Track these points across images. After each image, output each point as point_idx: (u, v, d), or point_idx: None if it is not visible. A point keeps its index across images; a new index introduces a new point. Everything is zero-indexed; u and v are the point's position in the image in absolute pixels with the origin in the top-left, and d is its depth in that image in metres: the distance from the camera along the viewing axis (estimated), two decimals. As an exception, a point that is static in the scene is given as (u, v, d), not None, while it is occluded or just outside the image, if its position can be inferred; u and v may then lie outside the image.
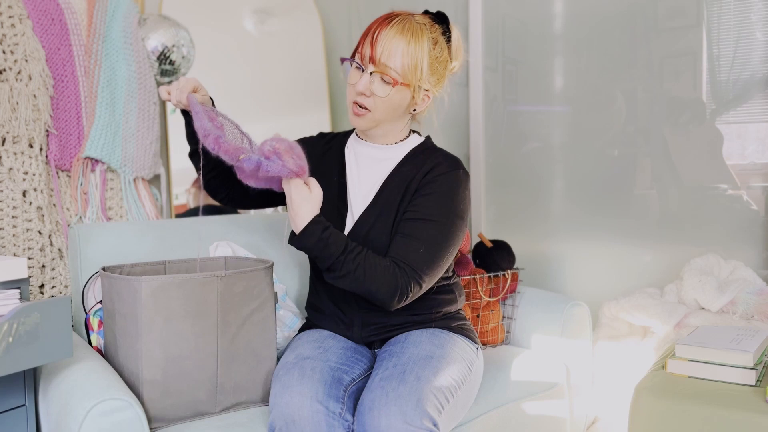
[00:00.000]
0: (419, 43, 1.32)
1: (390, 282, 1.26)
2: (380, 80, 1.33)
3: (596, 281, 2.13)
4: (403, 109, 1.39)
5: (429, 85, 1.38)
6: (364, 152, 1.46)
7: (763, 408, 1.22)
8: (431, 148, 1.45)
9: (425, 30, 1.35)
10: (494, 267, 1.88)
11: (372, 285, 1.26)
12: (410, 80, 1.33)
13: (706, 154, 1.93)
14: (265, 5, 2.37)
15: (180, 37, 1.96)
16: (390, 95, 1.33)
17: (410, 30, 1.32)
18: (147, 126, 1.91)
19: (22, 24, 1.68)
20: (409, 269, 1.29)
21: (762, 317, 1.64)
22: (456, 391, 1.28)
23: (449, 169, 1.38)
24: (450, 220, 1.34)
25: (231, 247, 1.71)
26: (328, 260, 1.26)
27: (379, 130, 1.42)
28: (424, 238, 1.31)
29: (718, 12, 1.87)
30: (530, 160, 2.27)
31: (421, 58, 1.32)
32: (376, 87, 1.33)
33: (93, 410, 1.09)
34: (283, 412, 1.19)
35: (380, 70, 1.32)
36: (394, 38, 1.31)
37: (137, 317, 1.23)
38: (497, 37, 2.31)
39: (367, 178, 1.44)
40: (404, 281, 1.27)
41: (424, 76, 1.34)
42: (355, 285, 1.27)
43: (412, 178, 1.38)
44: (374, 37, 1.32)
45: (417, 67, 1.32)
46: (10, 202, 1.65)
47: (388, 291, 1.26)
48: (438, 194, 1.35)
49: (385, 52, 1.31)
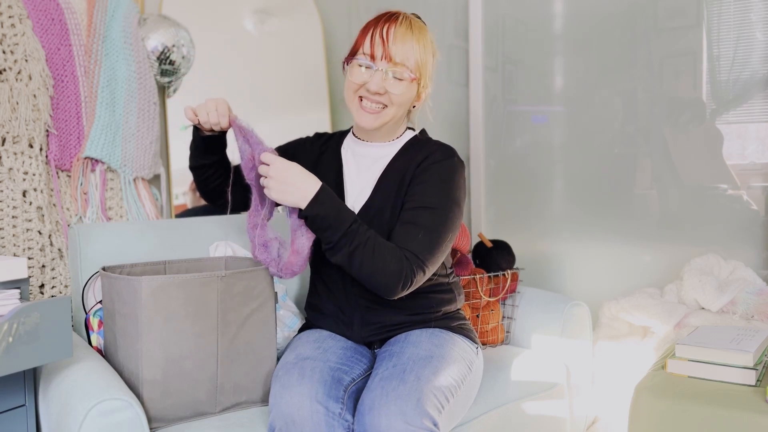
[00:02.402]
0: (425, 41, 1.38)
1: (397, 264, 1.26)
2: (393, 78, 1.34)
3: (596, 281, 2.13)
4: (409, 105, 1.43)
5: (426, 81, 1.41)
6: (361, 152, 1.47)
7: (763, 408, 1.22)
8: (425, 140, 1.47)
9: (425, 28, 1.40)
10: (494, 267, 1.88)
11: (380, 263, 1.25)
12: (418, 75, 1.37)
13: (706, 154, 1.93)
14: (265, 5, 2.37)
15: (180, 37, 1.96)
16: (404, 92, 1.36)
17: (417, 28, 1.37)
18: (147, 126, 1.91)
19: (22, 24, 1.68)
20: (411, 255, 1.29)
21: (762, 317, 1.64)
22: (456, 390, 1.28)
23: (444, 157, 1.39)
24: (447, 206, 1.35)
25: (231, 247, 1.71)
26: (340, 228, 1.25)
27: (389, 126, 1.44)
28: (423, 225, 1.32)
29: (718, 12, 1.87)
30: (530, 160, 2.27)
31: (427, 54, 1.38)
32: (390, 85, 1.35)
33: (93, 410, 1.09)
34: (282, 412, 1.19)
35: (396, 68, 1.34)
36: (406, 35, 1.34)
37: (137, 317, 1.23)
38: (497, 37, 2.31)
39: (365, 176, 1.44)
40: (408, 266, 1.28)
41: (429, 72, 1.40)
42: (363, 261, 1.25)
43: (407, 168, 1.40)
44: (386, 36, 1.33)
45: (426, 64, 1.38)
46: (10, 202, 1.65)
47: (394, 273, 1.26)
48: (434, 181, 1.36)
49: (401, 49, 1.34)
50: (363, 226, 1.28)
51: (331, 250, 1.28)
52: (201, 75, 2.13)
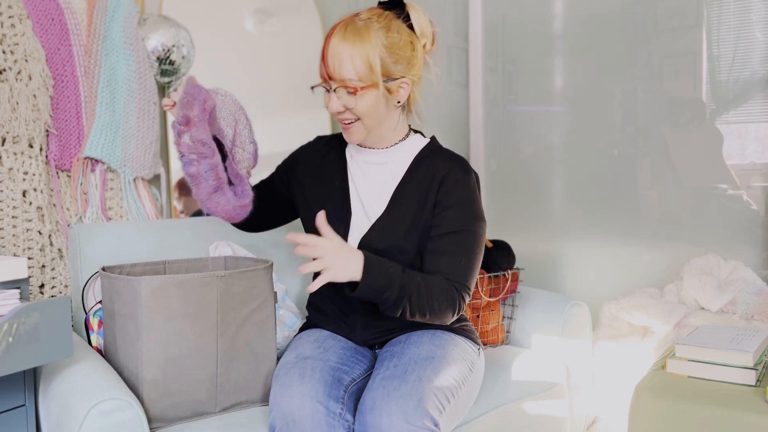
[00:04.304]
0: (364, 41, 1.28)
1: (449, 299, 1.30)
2: (345, 93, 1.31)
3: (596, 281, 2.13)
4: (384, 107, 1.35)
5: (400, 73, 1.33)
6: (363, 159, 1.45)
7: (763, 408, 1.22)
8: (438, 150, 1.44)
9: (371, 23, 1.30)
10: (494, 267, 1.88)
11: (435, 304, 1.28)
12: (371, 80, 1.29)
13: (706, 154, 1.93)
14: (265, 5, 2.37)
15: (180, 37, 1.96)
16: (359, 103, 1.31)
17: (352, 32, 1.29)
18: (147, 126, 1.91)
19: (22, 24, 1.68)
20: (459, 285, 1.32)
21: (762, 317, 1.64)
22: (457, 391, 1.28)
23: (462, 174, 1.38)
24: (477, 224, 1.36)
25: (231, 247, 1.71)
26: (394, 286, 1.24)
27: (373, 136, 1.40)
28: (462, 251, 1.33)
29: (718, 12, 1.87)
30: (530, 161, 2.27)
31: (371, 54, 1.28)
32: (345, 101, 1.31)
33: (93, 410, 1.09)
34: (283, 412, 1.19)
35: (340, 84, 1.30)
36: (338, 47, 1.28)
37: (137, 317, 1.23)
38: (497, 37, 2.31)
39: (375, 183, 1.42)
40: (459, 296, 1.31)
41: (386, 68, 1.30)
42: (421, 308, 1.27)
43: (428, 187, 1.37)
44: (324, 54, 1.31)
45: (371, 65, 1.28)
46: (10, 202, 1.65)
47: (449, 308, 1.30)
48: (459, 204, 1.36)
49: (336, 64, 1.29)
50: (408, 273, 1.28)
51: (390, 309, 1.28)
52: (201, 75, 2.13)
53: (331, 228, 1.26)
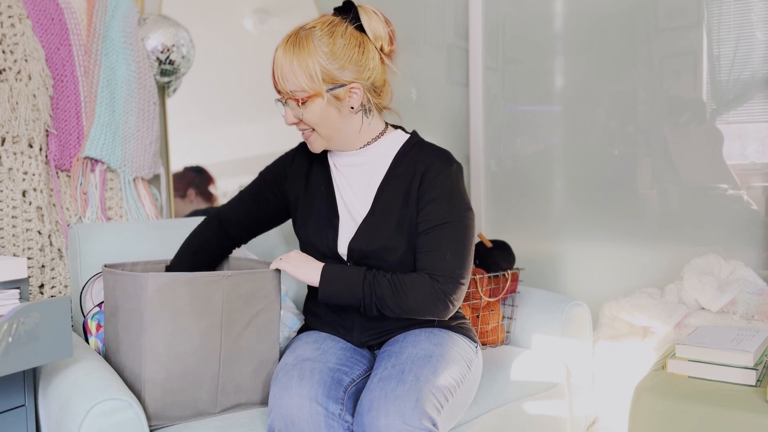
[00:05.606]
0: (303, 51, 1.28)
1: (424, 289, 1.29)
2: (295, 105, 1.32)
3: (596, 281, 2.13)
4: (337, 115, 1.34)
5: (347, 79, 1.31)
6: (342, 161, 1.44)
7: (763, 408, 1.22)
8: (419, 144, 1.42)
9: (313, 32, 1.31)
10: (494, 267, 1.88)
11: (410, 296, 1.29)
12: (314, 89, 1.29)
13: (706, 154, 1.93)
14: (265, 5, 2.37)
15: (180, 37, 1.96)
16: (307, 113, 1.32)
17: (292, 43, 1.30)
18: (147, 126, 1.91)
19: (22, 24, 1.68)
20: (442, 277, 1.31)
21: (762, 317, 1.64)
22: (455, 390, 1.28)
23: (443, 167, 1.36)
24: (462, 215, 1.35)
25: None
26: (356, 291, 1.31)
27: (335, 143, 1.39)
28: (446, 244, 1.32)
29: (718, 12, 1.87)
30: (530, 160, 2.27)
31: (310, 64, 1.28)
32: (296, 112, 1.33)
33: (93, 410, 1.09)
34: (282, 413, 1.19)
35: (288, 96, 1.32)
36: (281, 60, 1.31)
37: (142, 313, 1.23)
38: (497, 37, 2.31)
39: (358, 185, 1.42)
40: (440, 288, 1.30)
41: (330, 76, 1.29)
42: (398, 302, 1.29)
43: (410, 182, 1.37)
44: (272, 68, 1.33)
45: (311, 75, 1.28)
46: (9, 202, 1.65)
47: (428, 299, 1.29)
48: (441, 197, 1.35)
49: (280, 78, 1.31)
50: (372, 274, 1.31)
51: (366, 309, 1.32)
52: (201, 75, 2.13)
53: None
